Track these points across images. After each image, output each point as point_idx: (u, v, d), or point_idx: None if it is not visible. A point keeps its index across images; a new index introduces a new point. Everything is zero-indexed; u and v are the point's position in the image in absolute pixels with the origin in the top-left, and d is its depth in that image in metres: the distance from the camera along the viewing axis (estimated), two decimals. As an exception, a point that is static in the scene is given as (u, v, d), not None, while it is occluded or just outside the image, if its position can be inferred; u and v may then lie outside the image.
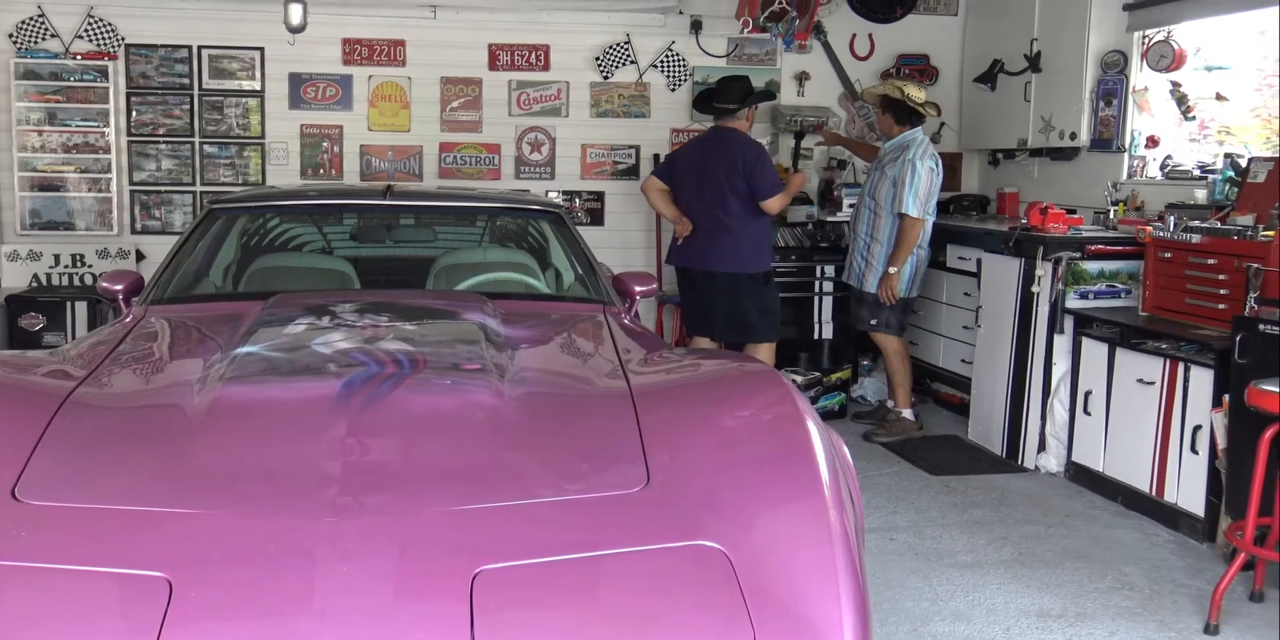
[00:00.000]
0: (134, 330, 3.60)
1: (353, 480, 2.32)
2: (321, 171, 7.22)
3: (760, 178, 5.89)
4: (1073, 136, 6.50)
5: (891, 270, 6.07)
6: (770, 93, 6.49)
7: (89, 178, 6.96)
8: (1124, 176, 6.27)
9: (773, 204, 5.94)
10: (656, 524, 2.25)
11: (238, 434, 2.54)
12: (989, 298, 5.95)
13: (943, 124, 7.63)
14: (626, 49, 7.35)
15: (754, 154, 5.96)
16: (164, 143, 7.08)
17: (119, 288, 4.25)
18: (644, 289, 4.52)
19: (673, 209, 6.15)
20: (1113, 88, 6.26)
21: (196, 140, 7.11)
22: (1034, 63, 6.77)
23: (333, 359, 2.94)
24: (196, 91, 7.06)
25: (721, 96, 6.10)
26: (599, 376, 3.21)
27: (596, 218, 7.50)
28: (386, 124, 7.26)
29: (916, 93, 6.17)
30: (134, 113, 7.03)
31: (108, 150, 6.94)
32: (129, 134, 7.04)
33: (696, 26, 7.36)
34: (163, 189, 7.12)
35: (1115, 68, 6.25)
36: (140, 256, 7.03)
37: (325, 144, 7.22)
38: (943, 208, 6.63)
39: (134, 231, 7.12)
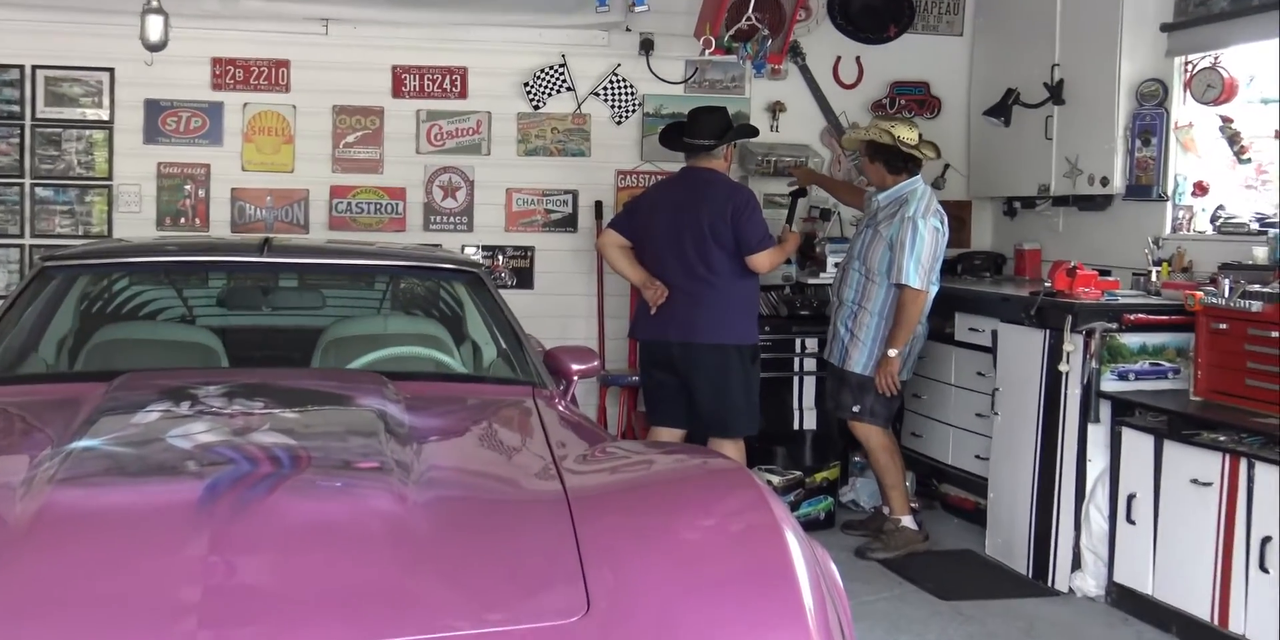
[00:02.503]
0: (-60, 419, 3.55)
1: (216, 609, 2.27)
2: (183, 221, 7.20)
3: (750, 228, 5.92)
4: (1104, 182, 6.62)
5: (891, 353, 6.03)
6: (752, 128, 6.41)
7: (-112, 228, 6.91)
8: (1167, 230, 6.39)
9: (761, 260, 5.96)
10: (599, 663, 2.23)
11: (70, 550, 2.49)
12: (1007, 379, 6.01)
13: (947, 167, 7.75)
14: (562, 73, 7.43)
15: (744, 199, 6.00)
16: (-15, 184, 7.06)
17: (-77, 365, 4.20)
18: (582, 368, 4.52)
19: (640, 271, 6.13)
20: (1151, 124, 6.40)
21: (27, 181, 7.06)
22: (1056, 93, 6.92)
23: (193, 455, 2.92)
24: (29, 121, 7.03)
25: (694, 131, 6.11)
26: (527, 477, 3.20)
27: (525, 279, 7.52)
28: (265, 163, 7.27)
29: (908, 133, 6.17)
30: (-52, 147, 7.01)
31: (-87, 193, 6.90)
32: (-59, 174, 7.01)
33: (647, 47, 7.45)
34: (-19, 242, 7.07)
35: (1153, 100, 6.39)
36: (-50, 326, 6.94)
37: (188, 187, 7.20)
38: (949, 267, 6.69)
39: (-57, 295, 7.05)
